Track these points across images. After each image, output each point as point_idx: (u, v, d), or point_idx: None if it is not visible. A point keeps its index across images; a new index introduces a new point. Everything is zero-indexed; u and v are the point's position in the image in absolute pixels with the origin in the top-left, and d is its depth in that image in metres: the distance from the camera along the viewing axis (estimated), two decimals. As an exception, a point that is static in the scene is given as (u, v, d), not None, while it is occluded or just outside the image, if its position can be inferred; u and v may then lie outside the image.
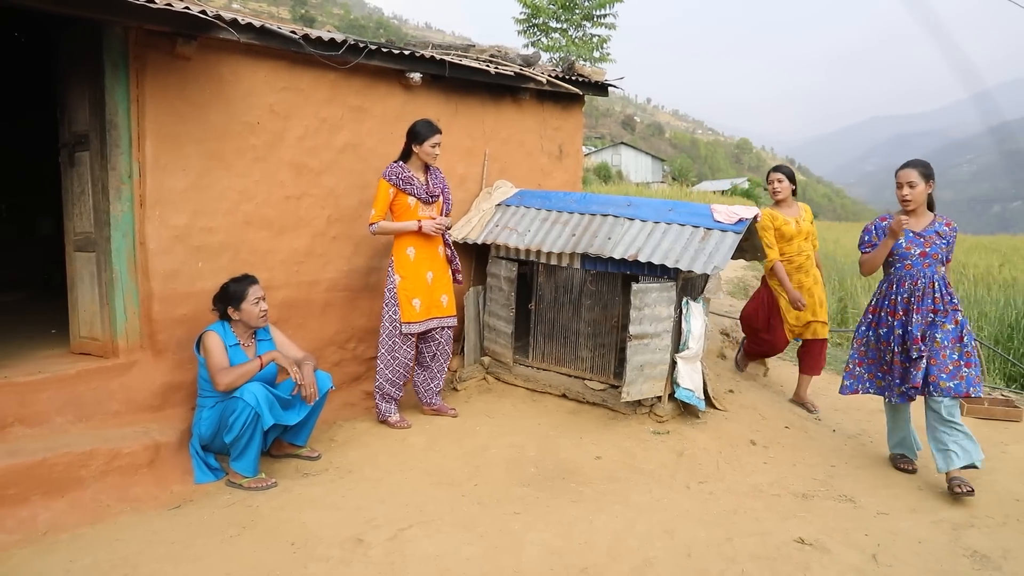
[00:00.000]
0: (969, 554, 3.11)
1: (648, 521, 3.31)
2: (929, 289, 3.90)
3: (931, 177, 3.90)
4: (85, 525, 3.13)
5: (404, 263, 4.36)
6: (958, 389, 3.75)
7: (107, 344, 3.87)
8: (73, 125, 3.92)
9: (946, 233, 3.92)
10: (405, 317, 4.34)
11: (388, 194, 4.28)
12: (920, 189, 3.86)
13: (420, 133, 4.29)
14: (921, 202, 3.90)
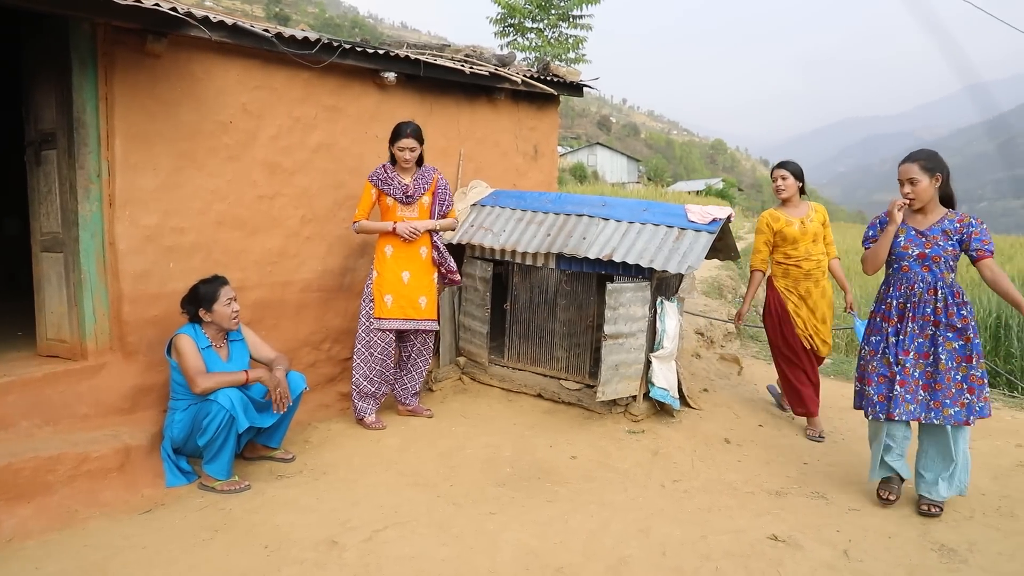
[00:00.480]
0: (937, 548, 3.17)
1: (623, 520, 3.33)
2: (928, 296, 3.44)
3: (937, 169, 3.42)
4: (52, 531, 3.08)
5: (381, 260, 4.39)
6: (958, 417, 3.37)
7: (75, 346, 3.81)
8: (39, 123, 3.84)
9: (955, 231, 3.41)
10: (377, 312, 4.36)
11: (371, 194, 4.35)
12: (924, 185, 3.41)
13: (393, 134, 4.32)
14: (927, 199, 3.44)
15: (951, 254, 3.42)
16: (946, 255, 3.42)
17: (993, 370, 7.48)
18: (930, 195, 3.45)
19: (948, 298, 3.42)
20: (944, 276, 3.44)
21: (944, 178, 3.46)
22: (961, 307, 3.42)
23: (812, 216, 4.62)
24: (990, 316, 8.84)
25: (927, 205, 3.47)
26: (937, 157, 3.48)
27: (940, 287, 3.44)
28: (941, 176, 3.44)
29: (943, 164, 3.46)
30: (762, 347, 7.76)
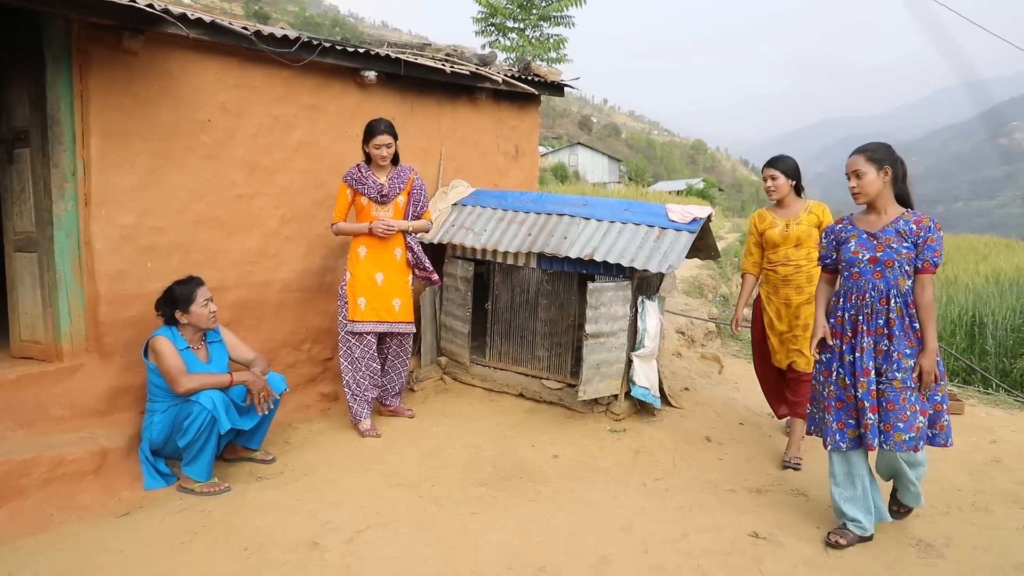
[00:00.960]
0: (915, 543, 3.20)
1: (605, 519, 3.33)
2: (881, 306, 3.06)
3: (886, 162, 3.08)
4: (26, 535, 3.02)
5: (355, 261, 4.34)
6: (911, 444, 3.00)
7: (50, 347, 3.75)
8: (12, 120, 3.78)
9: (911, 232, 3.03)
10: (350, 315, 4.30)
11: (346, 195, 4.29)
12: (870, 178, 3.07)
13: (366, 132, 4.27)
14: (873, 194, 3.09)
15: (905, 257, 3.03)
16: (900, 259, 3.03)
17: (968, 367, 7.59)
18: (877, 190, 3.10)
19: (903, 308, 3.05)
20: (899, 283, 3.05)
21: (897, 173, 3.11)
22: (915, 318, 3.05)
23: (802, 218, 4.18)
24: (966, 314, 8.97)
25: (878, 204, 3.13)
26: (887, 149, 3.13)
27: (894, 295, 3.05)
28: (891, 170, 3.09)
29: (894, 157, 3.12)
30: (743, 346, 7.81)
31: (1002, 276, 12.40)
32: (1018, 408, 5.42)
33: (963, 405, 5.15)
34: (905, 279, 3.06)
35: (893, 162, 3.10)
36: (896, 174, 3.11)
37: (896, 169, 3.11)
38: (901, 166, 3.14)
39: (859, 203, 3.18)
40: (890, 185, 3.11)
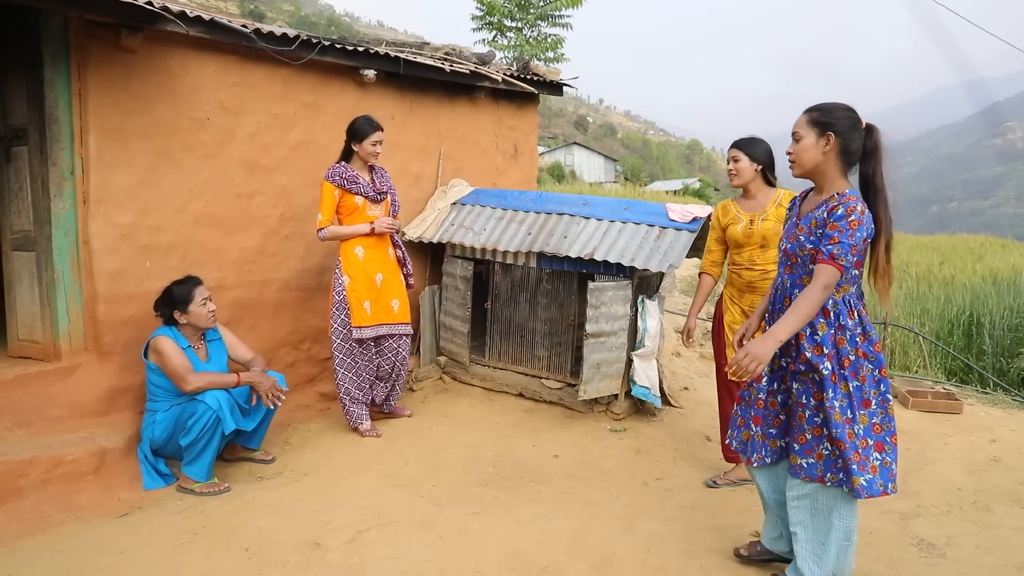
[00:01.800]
0: (916, 542, 3.20)
1: (607, 518, 3.33)
2: (785, 307, 2.59)
3: (831, 127, 2.48)
4: (25, 536, 3.00)
5: (352, 263, 4.18)
6: (811, 472, 2.55)
7: (48, 347, 3.73)
8: (9, 118, 3.76)
9: (821, 221, 2.47)
10: (356, 321, 4.15)
11: (333, 196, 4.11)
12: (805, 144, 2.52)
13: (359, 130, 4.13)
14: (809, 165, 2.54)
15: (810, 254, 2.52)
16: (803, 254, 2.54)
17: (966, 366, 7.60)
18: (813, 160, 2.52)
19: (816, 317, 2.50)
20: (804, 282, 2.53)
21: (844, 144, 2.48)
22: (821, 330, 2.50)
23: (769, 213, 3.53)
24: (963, 313, 8.99)
25: (818, 180, 2.58)
26: (841, 112, 2.50)
27: (797, 296, 2.50)
28: (835, 138, 2.48)
29: (845, 124, 2.48)
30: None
31: (999, 276, 12.44)
32: (1016, 407, 5.43)
33: (962, 404, 5.16)
34: (812, 279, 2.48)
35: (842, 128, 2.48)
36: (847, 146, 2.48)
37: (847, 139, 2.48)
38: (849, 132, 2.48)
39: (794, 174, 2.63)
40: (836, 158, 2.50)
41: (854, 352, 2.50)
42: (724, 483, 3.76)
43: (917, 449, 4.36)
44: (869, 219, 2.44)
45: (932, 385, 5.71)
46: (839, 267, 2.40)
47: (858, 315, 2.53)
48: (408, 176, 5.32)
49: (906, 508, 3.56)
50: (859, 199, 2.44)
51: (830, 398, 2.48)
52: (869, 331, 2.54)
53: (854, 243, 2.39)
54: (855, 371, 2.50)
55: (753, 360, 2.36)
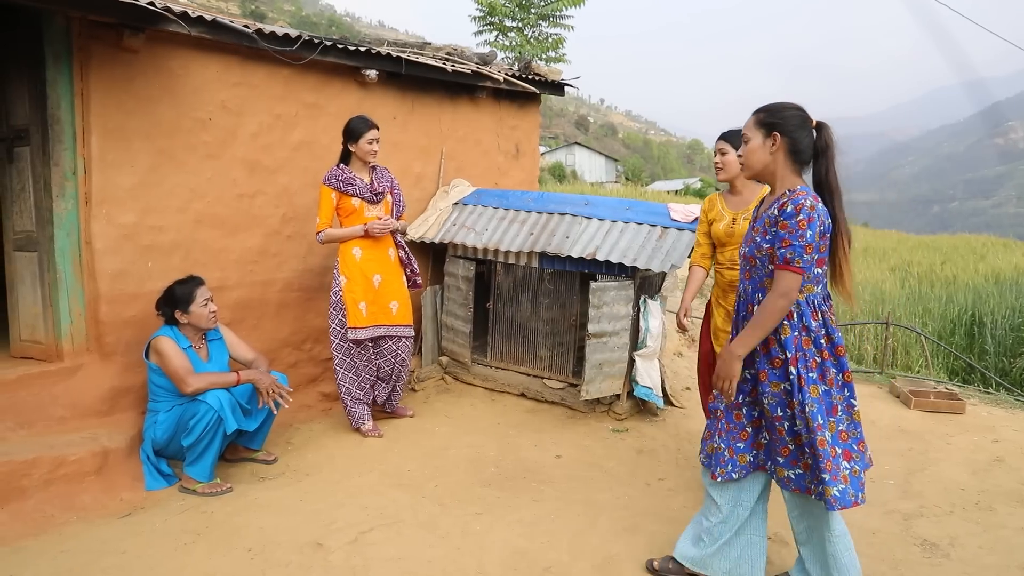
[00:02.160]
0: (919, 543, 3.20)
1: (610, 518, 3.32)
2: (748, 313, 2.53)
3: (777, 127, 2.44)
4: (28, 536, 3.00)
5: (350, 264, 4.16)
6: (799, 483, 2.48)
7: (51, 347, 3.73)
8: (12, 119, 3.76)
9: (773, 220, 2.39)
10: (351, 322, 4.14)
11: (331, 199, 4.10)
12: (751, 147, 2.51)
13: (354, 130, 4.11)
14: (757, 167, 2.51)
15: (768, 254, 2.43)
16: (761, 256, 2.45)
17: (968, 365, 7.59)
18: (761, 161, 2.48)
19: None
20: (765, 286, 2.46)
21: (792, 143, 2.43)
22: (785, 333, 2.42)
23: (752, 211, 3.21)
24: (965, 313, 8.98)
25: (770, 181, 2.53)
26: (783, 111, 2.45)
27: (759, 301, 2.47)
28: (782, 138, 2.43)
29: (793, 123, 2.43)
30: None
31: (1001, 275, 12.43)
32: (1019, 407, 5.42)
33: (964, 404, 5.15)
34: (772, 282, 2.42)
35: (787, 127, 2.43)
36: (795, 145, 2.43)
37: (794, 138, 2.43)
38: (796, 132, 2.43)
39: (745, 177, 2.68)
40: (785, 158, 2.45)
41: (819, 355, 2.44)
42: None
43: (920, 449, 4.36)
44: (822, 213, 2.35)
45: (934, 385, 5.70)
46: (796, 270, 2.33)
47: (822, 316, 2.45)
48: (410, 176, 5.32)
49: (909, 508, 3.55)
50: (809, 194, 2.38)
51: (800, 403, 2.40)
52: (832, 333, 2.46)
53: (806, 242, 2.31)
54: (822, 374, 2.44)
55: (724, 381, 2.42)
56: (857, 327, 8.52)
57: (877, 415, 5.02)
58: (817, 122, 2.46)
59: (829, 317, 2.48)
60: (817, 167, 2.47)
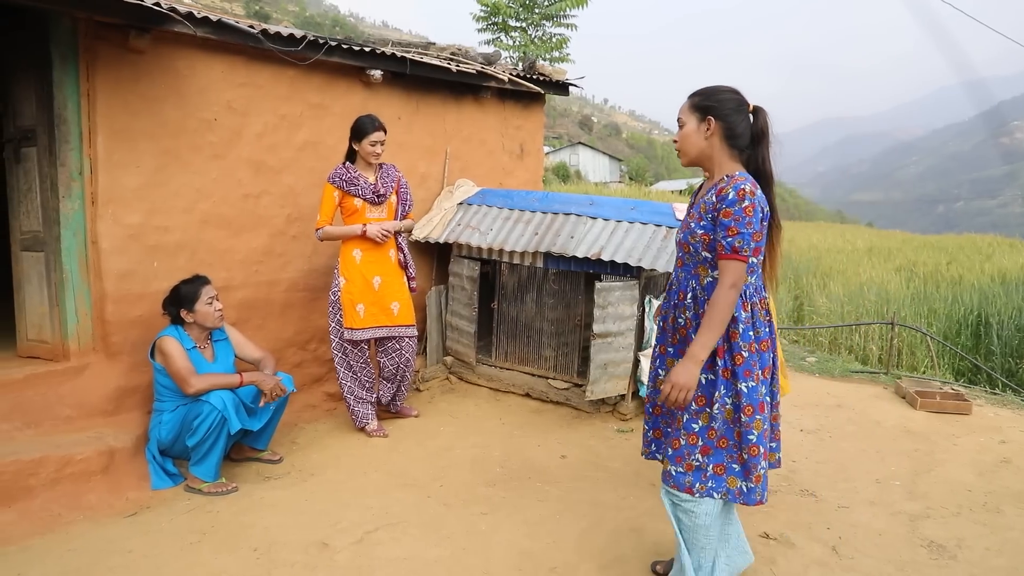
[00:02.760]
0: (926, 544, 3.19)
1: (615, 519, 3.32)
2: (679, 301, 2.49)
3: (711, 111, 2.37)
4: (35, 535, 3.01)
5: (349, 265, 4.16)
6: (679, 481, 2.39)
7: (57, 347, 3.74)
8: (19, 119, 3.77)
9: (711, 206, 2.32)
10: (347, 323, 4.14)
11: (333, 197, 4.09)
12: (686, 131, 2.43)
13: (359, 129, 4.10)
14: (692, 153, 2.45)
15: (701, 240, 2.37)
16: (695, 242, 2.39)
17: (974, 366, 7.57)
18: (696, 146, 2.42)
19: (700, 307, 2.41)
20: (698, 273, 2.42)
21: (727, 127, 2.36)
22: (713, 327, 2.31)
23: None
24: (971, 313, 8.95)
25: (707, 167, 2.45)
26: (718, 95, 2.37)
27: (694, 291, 2.43)
28: (716, 122, 2.36)
29: (728, 107, 2.36)
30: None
31: (1008, 275, 12.39)
32: (1025, 408, 5.40)
33: (971, 405, 5.13)
34: (707, 269, 2.39)
35: (722, 112, 2.35)
36: (731, 129, 2.36)
37: (729, 122, 2.35)
38: (731, 116, 2.35)
39: (682, 163, 2.55)
40: (721, 143, 2.38)
41: (747, 348, 2.33)
42: None
43: (926, 450, 4.35)
44: (762, 200, 2.30)
45: (940, 385, 5.69)
46: (743, 259, 2.26)
47: (751, 308, 2.36)
48: (414, 176, 5.32)
49: (915, 509, 3.54)
50: (748, 179, 2.31)
51: (721, 395, 2.34)
52: (759, 327, 2.38)
53: (754, 231, 2.26)
54: (748, 369, 2.33)
55: (680, 391, 2.28)
56: (862, 327, 8.50)
57: (882, 416, 5.01)
58: (754, 106, 2.39)
59: (759, 310, 2.40)
60: (754, 154, 2.40)
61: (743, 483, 2.37)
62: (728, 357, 2.35)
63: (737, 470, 2.36)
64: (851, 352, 8.25)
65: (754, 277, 2.38)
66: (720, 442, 2.36)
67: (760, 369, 2.36)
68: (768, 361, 2.41)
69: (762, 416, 2.34)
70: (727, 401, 2.35)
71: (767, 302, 2.41)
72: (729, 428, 2.35)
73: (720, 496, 2.38)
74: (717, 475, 2.37)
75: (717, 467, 2.37)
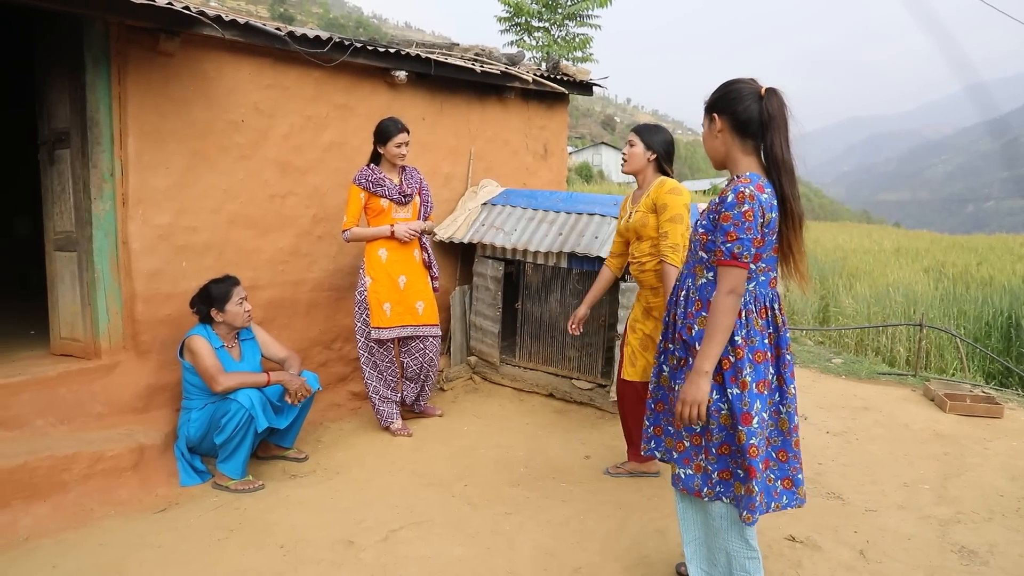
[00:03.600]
0: (957, 549, 3.14)
1: (640, 520, 3.31)
2: (675, 299, 2.47)
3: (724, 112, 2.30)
4: (68, 529, 3.07)
5: (375, 265, 4.20)
6: (688, 484, 2.39)
7: (89, 345, 3.80)
8: (53, 122, 3.84)
9: (713, 207, 2.29)
10: (375, 322, 4.18)
11: (359, 199, 4.14)
12: (705, 132, 2.38)
13: (383, 132, 4.14)
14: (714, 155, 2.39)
15: (700, 239, 2.35)
16: (695, 240, 2.38)
17: (1005, 368, 7.44)
18: (713, 148, 2.38)
19: (690, 306, 2.37)
20: (695, 272, 2.39)
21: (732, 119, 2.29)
22: (695, 319, 2.33)
23: (640, 205, 3.45)
24: (1002, 315, 8.79)
25: (727, 165, 2.38)
26: (721, 89, 2.33)
27: (687, 290, 2.40)
28: (720, 117, 2.32)
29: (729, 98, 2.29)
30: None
31: (1039, 276, 12.16)
32: (1058, 411, 5.29)
33: (1002, 408, 5.05)
34: (702, 269, 2.34)
35: (727, 105, 2.30)
36: (736, 119, 2.29)
37: (733, 112, 2.28)
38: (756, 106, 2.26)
39: (715, 168, 2.46)
40: (732, 137, 2.31)
41: (734, 354, 2.25)
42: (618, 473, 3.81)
43: (956, 454, 4.28)
44: (765, 200, 2.18)
45: (971, 388, 5.60)
46: (743, 265, 2.19)
47: (745, 316, 2.26)
48: (439, 176, 5.34)
49: (945, 514, 3.49)
50: (753, 181, 2.21)
51: (714, 400, 2.27)
52: (753, 336, 2.27)
53: (753, 235, 2.17)
54: (734, 375, 2.25)
55: (692, 406, 2.23)
56: (889, 328, 8.39)
57: (911, 418, 4.95)
58: (765, 89, 2.26)
59: (754, 318, 2.28)
60: (764, 140, 2.26)
61: (745, 487, 2.30)
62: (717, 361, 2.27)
63: (742, 476, 2.30)
64: (878, 354, 8.14)
65: (753, 284, 2.28)
66: (722, 448, 2.32)
67: (754, 380, 2.25)
68: (764, 374, 2.29)
69: (747, 429, 2.23)
70: (721, 407, 2.28)
71: (769, 312, 2.32)
72: (729, 434, 2.29)
73: (729, 501, 2.35)
74: (724, 480, 2.34)
75: (723, 472, 2.34)
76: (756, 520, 2.29)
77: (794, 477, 2.37)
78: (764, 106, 2.24)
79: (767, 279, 2.31)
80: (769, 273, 2.31)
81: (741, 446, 2.25)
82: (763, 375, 2.28)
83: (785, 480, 2.37)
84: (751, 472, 2.24)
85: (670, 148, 3.53)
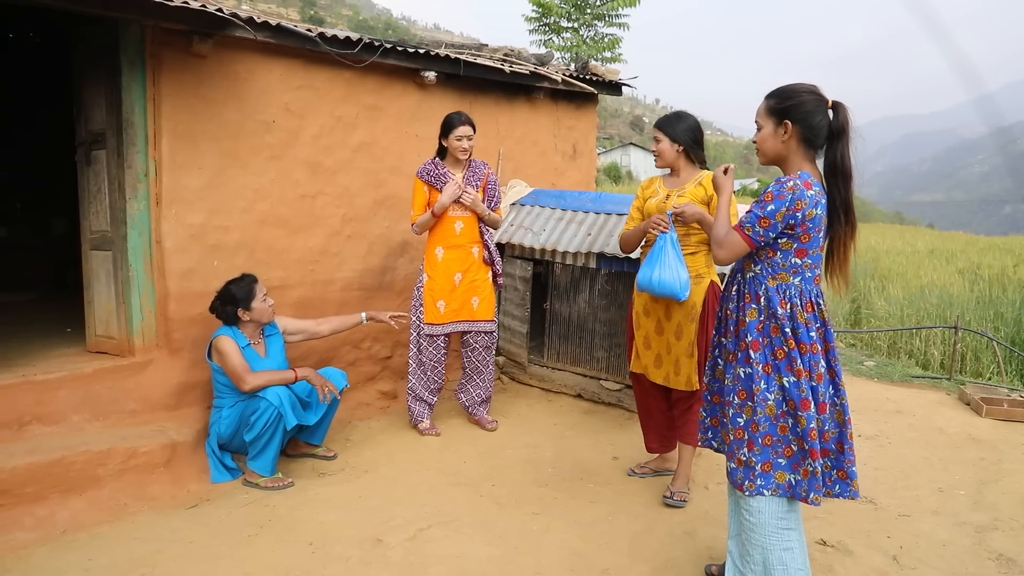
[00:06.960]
0: (994, 557, 3.07)
1: (668, 522, 3.29)
2: (728, 295, 2.56)
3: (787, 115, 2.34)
4: (103, 523, 3.13)
5: (432, 263, 4.23)
6: (732, 477, 2.45)
7: (123, 343, 3.87)
8: (90, 123, 3.92)
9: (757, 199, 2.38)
10: (427, 318, 4.22)
11: (423, 192, 4.15)
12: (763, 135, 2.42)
13: (446, 125, 4.13)
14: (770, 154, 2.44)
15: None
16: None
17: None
18: (774, 149, 2.40)
19: (741, 300, 2.45)
20: (744, 267, 2.47)
21: (804, 130, 2.32)
22: (745, 311, 2.40)
23: (687, 190, 3.45)
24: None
25: (780, 164, 2.44)
26: (795, 97, 2.34)
27: (739, 284, 2.49)
28: (793, 126, 2.33)
29: (804, 109, 2.32)
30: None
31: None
32: (1101, 417, 5.15)
33: (1041, 412, 4.93)
34: (749, 263, 2.43)
35: (802, 116, 2.31)
36: (807, 131, 2.33)
37: (806, 125, 2.32)
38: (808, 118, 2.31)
39: (760, 163, 2.53)
40: (798, 145, 2.36)
41: (787, 343, 2.32)
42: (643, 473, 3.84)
43: (993, 459, 4.19)
44: (809, 197, 2.24)
45: (1008, 392, 5.47)
46: (744, 236, 2.32)
47: (790, 307, 2.33)
48: (467, 177, 5.35)
49: (982, 521, 3.41)
50: (801, 178, 2.28)
51: (762, 390, 2.34)
52: (799, 328, 2.33)
53: (764, 214, 2.26)
54: (789, 364, 2.32)
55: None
56: (923, 331, 8.23)
57: (945, 422, 4.85)
58: (833, 102, 2.35)
59: (798, 311, 2.34)
60: (830, 150, 2.35)
61: (791, 476, 2.35)
62: (768, 352, 2.36)
63: (784, 464, 2.35)
64: (911, 357, 7.98)
65: (799, 279, 2.35)
66: (765, 439, 2.36)
67: (808, 367, 2.32)
68: (810, 364, 2.33)
69: (807, 414, 2.29)
70: (768, 396, 2.34)
71: (814, 305, 2.37)
72: (772, 424, 2.35)
73: (771, 493, 2.37)
74: (765, 472, 2.37)
75: (764, 464, 2.37)
76: (819, 503, 2.33)
77: (848, 469, 2.40)
78: (837, 118, 2.34)
79: (812, 276, 2.38)
80: (815, 270, 2.38)
81: (802, 430, 2.30)
82: (816, 367, 2.33)
83: (840, 471, 2.41)
84: (812, 454, 2.29)
85: (696, 135, 3.55)
